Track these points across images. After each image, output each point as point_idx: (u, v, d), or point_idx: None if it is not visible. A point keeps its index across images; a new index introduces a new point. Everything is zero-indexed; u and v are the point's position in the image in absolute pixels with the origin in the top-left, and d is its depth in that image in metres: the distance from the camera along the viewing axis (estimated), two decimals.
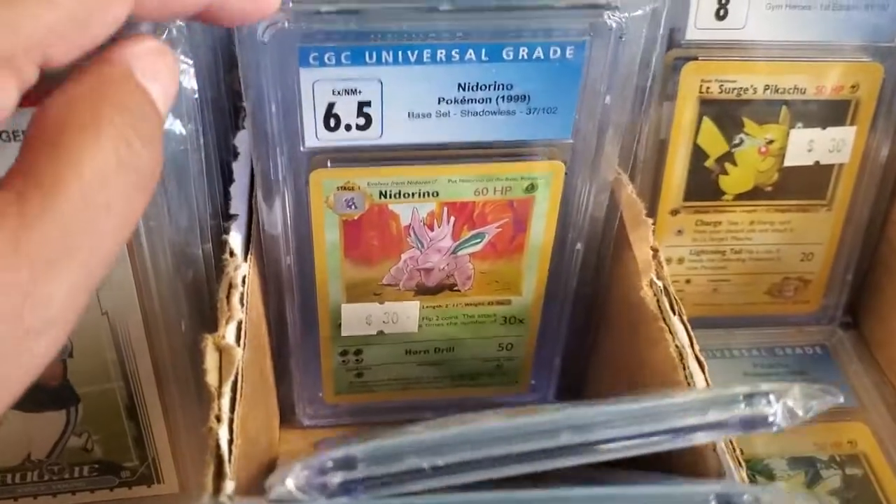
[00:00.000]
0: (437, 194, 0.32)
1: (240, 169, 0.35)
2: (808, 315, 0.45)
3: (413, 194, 0.32)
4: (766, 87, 0.38)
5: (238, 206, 0.33)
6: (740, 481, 0.26)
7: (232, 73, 0.40)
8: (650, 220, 0.33)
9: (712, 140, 0.39)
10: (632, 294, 0.33)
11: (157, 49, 0.20)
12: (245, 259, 0.31)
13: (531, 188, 0.32)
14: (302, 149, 0.30)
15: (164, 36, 0.26)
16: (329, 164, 0.31)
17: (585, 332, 0.39)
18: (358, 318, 0.35)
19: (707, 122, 0.39)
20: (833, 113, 0.39)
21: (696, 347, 0.30)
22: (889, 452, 0.40)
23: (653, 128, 0.39)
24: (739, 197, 0.41)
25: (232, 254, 0.30)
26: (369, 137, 0.30)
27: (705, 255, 0.43)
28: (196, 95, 0.29)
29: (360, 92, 0.28)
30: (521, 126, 0.30)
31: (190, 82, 0.28)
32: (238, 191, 0.34)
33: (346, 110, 0.29)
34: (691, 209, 0.41)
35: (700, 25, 0.37)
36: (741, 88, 0.38)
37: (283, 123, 0.29)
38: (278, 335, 0.36)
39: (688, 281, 0.43)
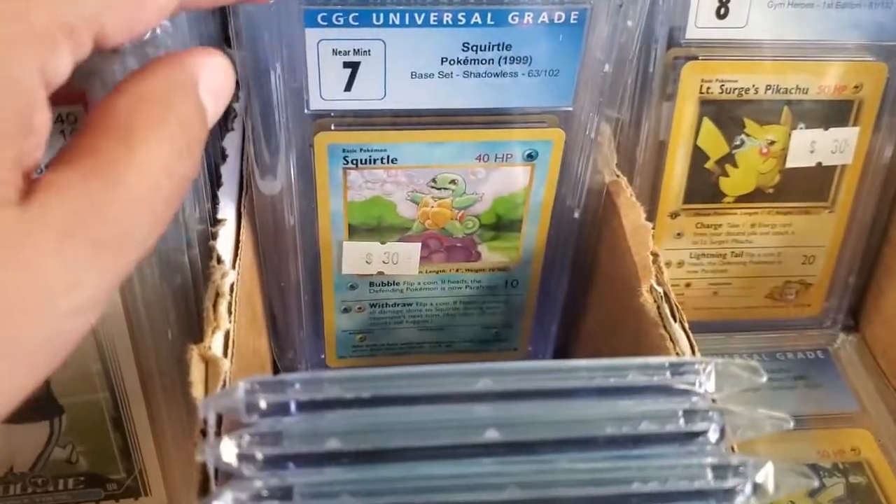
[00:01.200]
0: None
1: (228, 172, 0.34)
2: (810, 319, 0.45)
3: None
4: (768, 87, 0.38)
5: (226, 210, 0.32)
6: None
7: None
8: (650, 225, 0.33)
9: (713, 141, 0.39)
10: (632, 299, 0.32)
11: (223, 67, 0.21)
12: (234, 265, 0.30)
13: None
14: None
15: (148, 35, 0.25)
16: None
17: (581, 299, 0.39)
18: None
19: (707, 123, 0.38)
20: (836, 113, 0.38)
21: (698, 356, 0.29)
22: (893, 460, 0.39)
23: (652, 129, 0.38)
24: (740, 199, 0.40)
25: (219, 260, 0.29)
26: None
27: (705, 259, 0.42)
28: None
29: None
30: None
31: None
32: (226, 195, 0.33)
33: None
34: (691, 212, 0.41)
35: (700, 24, 0.36)
36: (742, 88, 0.37)
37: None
38: (281, 302, 0.36)
39: (688, 284, 0.43)
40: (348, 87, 0.30)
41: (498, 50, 0.29)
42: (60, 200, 0.17)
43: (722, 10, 0.36)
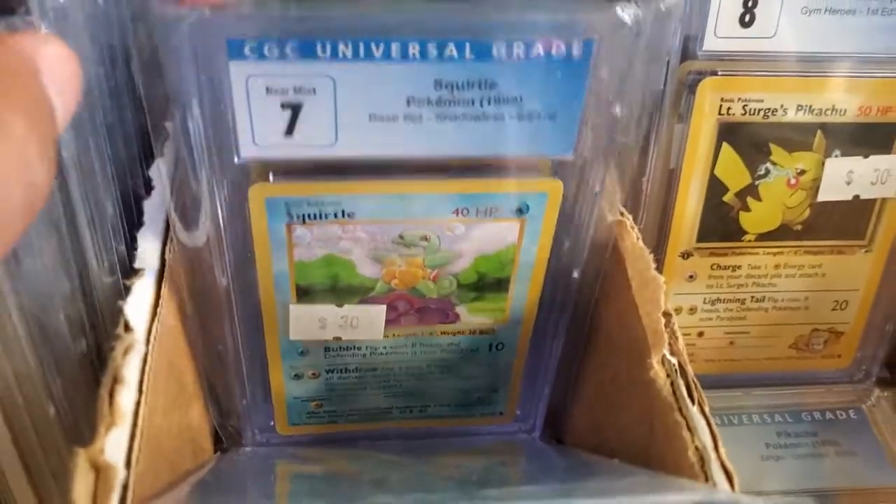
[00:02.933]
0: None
1: (153, 209, 0.28)
2: (840, 371, 0.39)
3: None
4: (799, 108, 0.32)
5: (147, 257, 0.26)
6: None
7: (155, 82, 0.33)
8: (661, 278, 0.27)
9: (733, 170, 0.33)
10: (640, 371, 0.26)
11: (66, 56, 0.17)
12: (149, 331, 0.24)
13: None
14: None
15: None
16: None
17: (579, 359, 0.33)
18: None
19: (727, 149, 0.32)
20: (878, 138, 0.33)
21: (723, 451, 0.23)
22: None
23: (661, 155, 0.32)
24: (763, 237, 0.35)
25: (127, 327, 0.23)
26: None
27: (721, 305, 0.36)
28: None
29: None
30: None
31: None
32: (148, 238, 0.27)
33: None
34: (706, 251, 0.35)
35: (721, 33, 0.30)
36: (769, 109, 0.32)
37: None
38: (219, 369, 0.30)
39: (700, 334, 0.37)
40: (289, 132, 0.23)
41: (479, 89, 0.23)
42: None
43: (747, 17, 0.30)
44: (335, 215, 0.26)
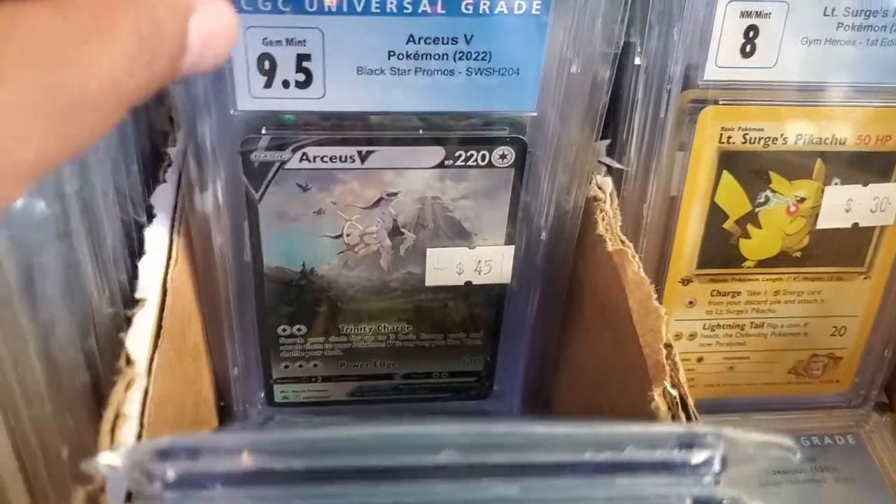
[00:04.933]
0: None
1: (154, 237, 0.28)
2: (838, 396, 0.39)
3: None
4: (799, 137, 0.32)
5: (148, 287, 0.26)
6: None
7: (159, 107, 0.33)
8: (662, 309, 0.27)
9: (733, 198, 0.33)
10: (641, 403, 0.26)
11: (225, 14, 0.18)
12: (150, 363, 0.24)
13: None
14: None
15: None
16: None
17: (553, 333, 0.34)
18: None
19: (727, 177, 0.32)
20: (877, 166, 0.33)
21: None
22: None
23: (662, 182, 0.33)
24: (763, 263, 0.35)
25: (128, 361, 0.23)
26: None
27: (721, 330, 0.36)
28: None
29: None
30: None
31: None
32: (150, 267, 0.27)
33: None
34: (706, 277, 0.35)
35: (722, 63, 0.30)
36: (769, 138, 0.32)
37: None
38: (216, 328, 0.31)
39: (700, 359, 0.37)
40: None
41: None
42: None
43: (747, 47, 0.30)
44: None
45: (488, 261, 0.30)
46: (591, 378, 0.32)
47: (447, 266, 0.30)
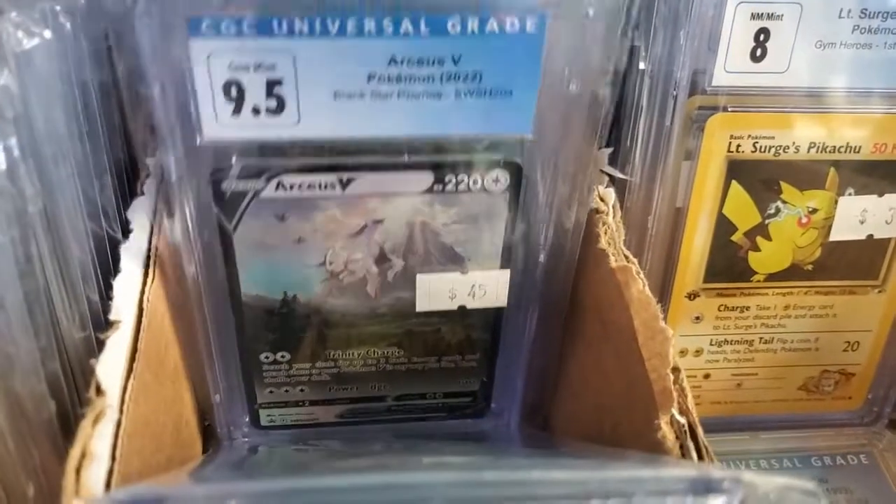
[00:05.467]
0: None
1: (131, 253, 0.26)
2: (850, 413, 0.37)
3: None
4: (812, 146, 0.30)
5: (123, 309, 0.25)
6: None
7: (137, 115, 0.31)
8: (669, 331, 0.25)
9: (742, 209, 0.31)
10: (647, 431, 0.25)
11: None
12: (124, 392, 0.22)
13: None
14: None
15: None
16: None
17: (553, 352, 0.32)
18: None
19: (736, 188, 0.31)
20: (893, 176, 0.31)
21: None
22: None
23: (667, 193, 0.31)
24: (772, 277, 0.33)
25: (99, 390, 0.22)
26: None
27: (728, 346, 0.35)
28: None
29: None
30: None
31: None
32: (125, 286, 0.25)
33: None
34: (713, 292, 0.33)
35: (731, 68, 0.29)
36: (780, 147, 0.30)
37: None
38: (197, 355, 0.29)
39: (706, 376, 0.35)
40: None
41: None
42: None
43: (758, 52, 0.28)
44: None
45: (482, 285, 0.28)
46: (592, 398, 0.31)
47: (439, 292, 0.28)
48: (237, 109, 0.23)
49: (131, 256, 0.26)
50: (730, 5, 0.28)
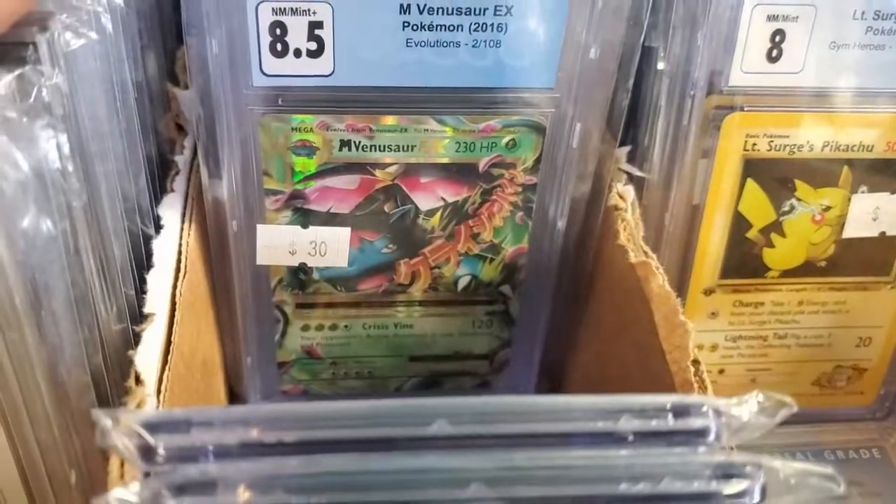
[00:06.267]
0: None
1: (163, 249, 0.27)
2: (863, 408, 0.38)
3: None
4: (826, 144, 0.31)
5: (156, 301, 0.25)
6: None
7: (165, 115, 0.32)
8: (689, 324, 0.26)
9: (757, 206, 0.32)
10: None
11: None
12: (160, 381, 0.23)
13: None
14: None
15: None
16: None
17: (570, 323, 0.34)
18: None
19: (752, 185, 0.32)
20: None
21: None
22: None
23: (684, 191, 0.32)
24: (787, 273, 0.34)
25: (138, 380, 0.22)
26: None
27: (743, 342, 0.35)
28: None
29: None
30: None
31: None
32: (158, 280, 0.26)
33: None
34: (728, 288, 0.34)
35: (747, 68, 0.29)
36: (795, 145, 0.31)
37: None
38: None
39: (721, 371, 0.36)
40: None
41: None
42: None
43: (774, 52, 0.29)
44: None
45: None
46: (610, 390, 0.31)
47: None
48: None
49: (163, 251, 0.27)
50: (746, 7, 0.28)
